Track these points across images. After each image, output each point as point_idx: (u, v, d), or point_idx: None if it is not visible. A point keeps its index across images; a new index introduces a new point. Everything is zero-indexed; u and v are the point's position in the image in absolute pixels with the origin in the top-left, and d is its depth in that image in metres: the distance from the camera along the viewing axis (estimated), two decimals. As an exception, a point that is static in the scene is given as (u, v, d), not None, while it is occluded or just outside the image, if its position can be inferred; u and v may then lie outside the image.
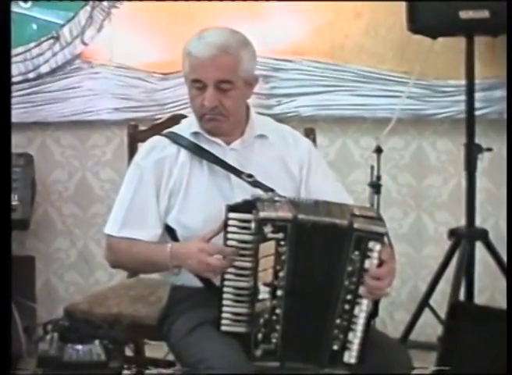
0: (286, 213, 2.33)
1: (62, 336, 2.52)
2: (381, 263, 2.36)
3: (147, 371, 2.86)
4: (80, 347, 2.48)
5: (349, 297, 2.36)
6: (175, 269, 2.55)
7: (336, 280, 2.36)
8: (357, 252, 2.34)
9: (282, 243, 2.32)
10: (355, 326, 2.37)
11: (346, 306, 2.37)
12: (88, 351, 2.48)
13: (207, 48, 2.50)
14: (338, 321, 2.37)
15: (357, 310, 2.37)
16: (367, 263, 2.35)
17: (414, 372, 2.50)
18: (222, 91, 2.53)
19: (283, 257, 2.33)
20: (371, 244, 2.34)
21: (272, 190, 2.53)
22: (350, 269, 2.35)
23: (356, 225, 2.34)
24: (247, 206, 2.36)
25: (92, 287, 3.94)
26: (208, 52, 2.50)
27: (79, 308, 3.03)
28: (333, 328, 2.38)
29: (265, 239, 2.32)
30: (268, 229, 2.31)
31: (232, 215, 2.36)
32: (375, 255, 2.34)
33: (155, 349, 3.05)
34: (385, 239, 2.38)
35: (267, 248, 2.32)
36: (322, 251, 2.37)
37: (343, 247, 2.34)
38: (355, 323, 2.37)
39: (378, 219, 2.41)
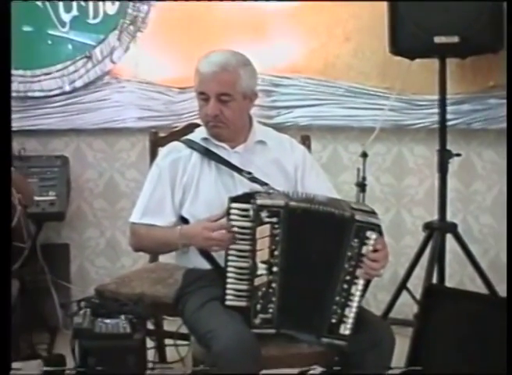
0: (279, 201, 2.39)
1: (94, 311, 2.56)
2: (375, 250, 2.39)
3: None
4: (108, 321, 2.53)
5: (348, 278, 2.40)
6: (184, 248, 2.57)
7: (337, 263, 2.39)
8: (356, 240, 2.38)
9: (276, 226, 2.37)
10: (351, 302, 2.41)
11: (345, 285, 2.41)
12: (116, 324, 2.52)
13: (210, 66, 2.55)
14: (337, 298, 2.41)
15: (353, 289, 2.41)
16: (364, 249, 2.39)
17: (389, 372, 2.49)
18: (223, 103, 2.56)
19: (277, 238, 2.38)
20: (368, 233, 2.38)
21: (266, 184, 2.56)
22: (349, 254, 2.39)
23: (357, 217, 2.38)
24: (246, 197, 2.41)
25: (119, 270, 3.91)
26: (211, 69, 2.55)
27: (107, 289, 3.06)
28: (332, 304, 2.41)
29: (262, 223, 2.36)
30: (264, 214, 2.36)
31: (233, 205, 2.40)
32: (372, 242, 2.39)
33: (172, 324, 3.04)
34: (380, 230, 2.41)
35: (263, 230, 2.37)
36: (318, 236, 2.40)
37: (343, 235, 2.38)
38: (352, 300, 2.41)
39: (373, 212, 2.46)
